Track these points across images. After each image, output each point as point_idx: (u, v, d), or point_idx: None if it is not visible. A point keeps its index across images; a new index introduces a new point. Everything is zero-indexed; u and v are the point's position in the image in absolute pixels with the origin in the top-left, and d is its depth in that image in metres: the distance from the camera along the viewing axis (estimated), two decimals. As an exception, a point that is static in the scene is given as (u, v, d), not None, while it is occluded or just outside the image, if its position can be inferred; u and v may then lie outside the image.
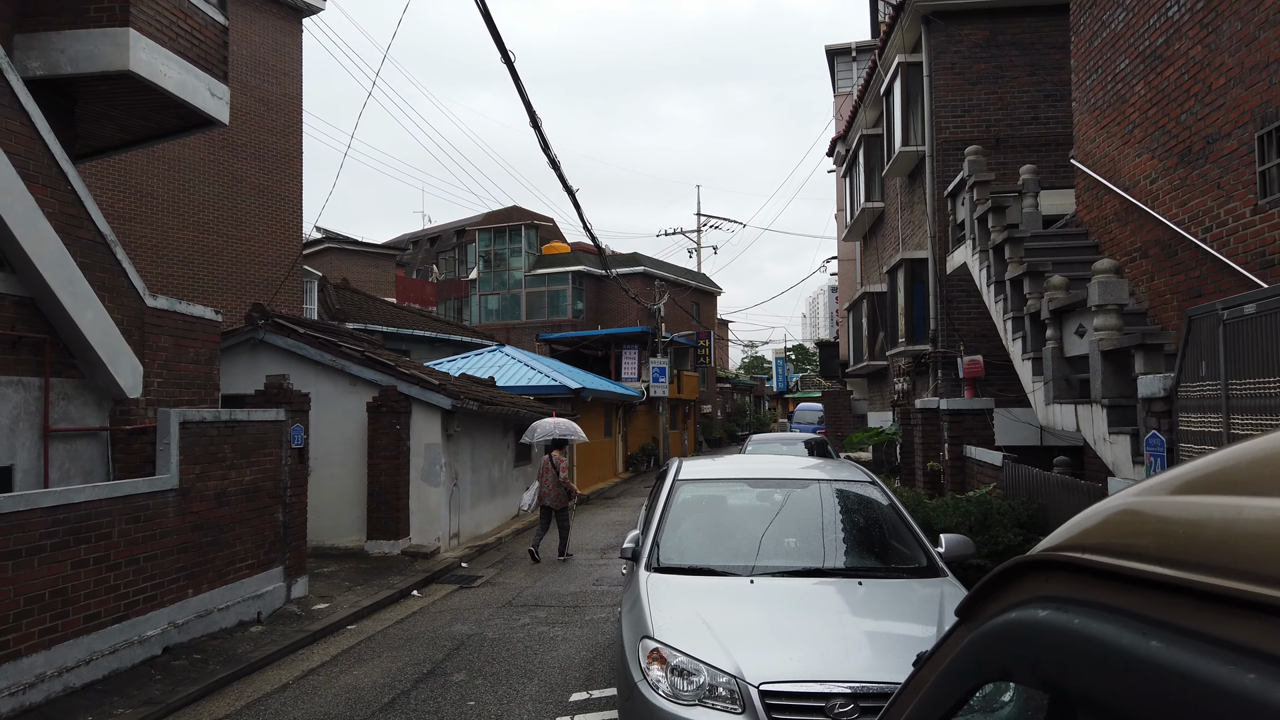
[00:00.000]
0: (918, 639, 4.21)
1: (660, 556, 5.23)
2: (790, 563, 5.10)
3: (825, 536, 5.45)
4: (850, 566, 5.14)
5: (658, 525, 5.48)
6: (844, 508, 5.75)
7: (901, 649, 4.14)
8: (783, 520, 5.51)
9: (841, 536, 5.53)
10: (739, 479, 5.98)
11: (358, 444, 12.61)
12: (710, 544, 5.34)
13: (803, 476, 5.96)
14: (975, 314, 12.93)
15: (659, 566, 5.13)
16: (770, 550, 5.23)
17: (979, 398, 9.86)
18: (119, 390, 7.60)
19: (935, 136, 13.15)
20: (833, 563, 5.16)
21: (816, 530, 5.51)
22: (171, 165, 18.73)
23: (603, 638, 8.27)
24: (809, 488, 5.82)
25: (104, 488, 6.68)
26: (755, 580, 4.86)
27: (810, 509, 5.71)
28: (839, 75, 24.84)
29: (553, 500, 12.78)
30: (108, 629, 6.71)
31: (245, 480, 8.58)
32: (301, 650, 8.09)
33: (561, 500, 12.83)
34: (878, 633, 4.35)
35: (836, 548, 5.39)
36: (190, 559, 7.71)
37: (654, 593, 4.74)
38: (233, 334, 12.70)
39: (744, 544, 5.27)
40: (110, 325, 7.40)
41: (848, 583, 4.85)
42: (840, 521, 5.65)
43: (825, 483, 5.88)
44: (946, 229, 13.00)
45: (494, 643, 8.17)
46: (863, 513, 5.71)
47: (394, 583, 10.77)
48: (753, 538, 5.32)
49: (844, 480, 5.92)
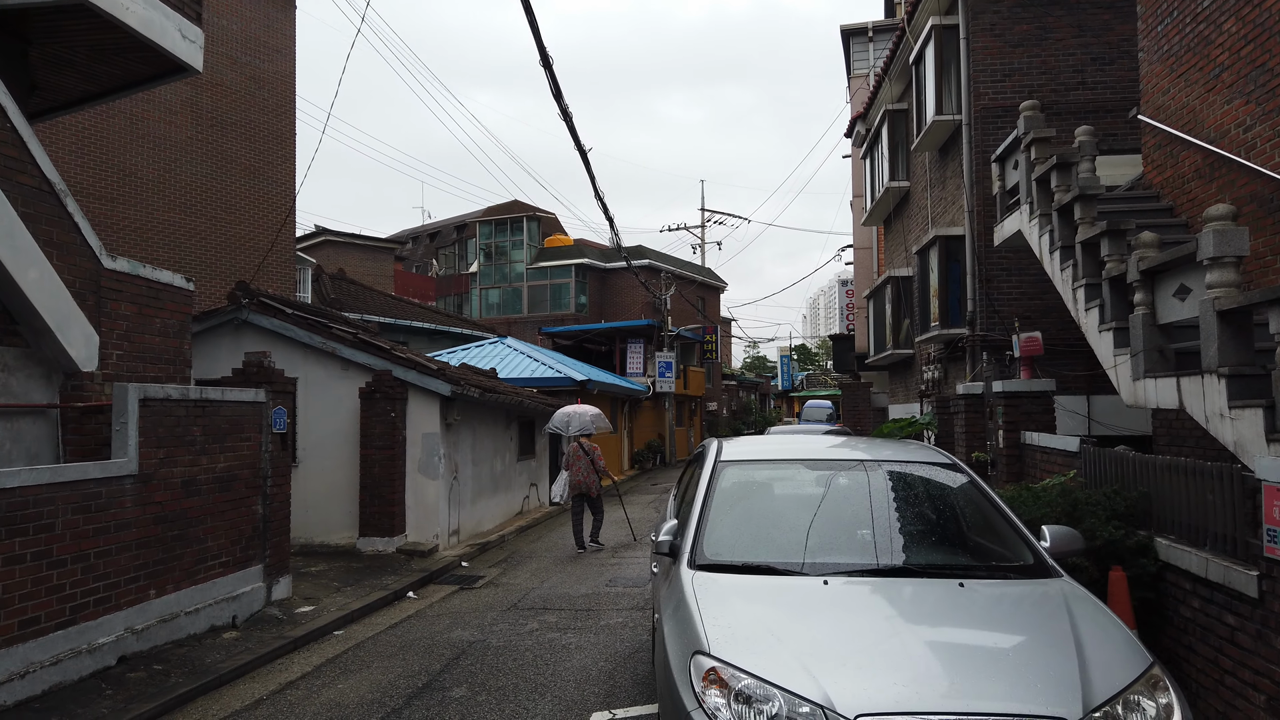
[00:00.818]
0: (1049, 655, 3.26)
1: (706, 551, 4.26)
2: (869, 559, 4.13)
3: (906, 528, 4.48)
4: (944, 564, 4.17)
5: (700, 514, 4.51)
6: (923, 494, 4.79)
7: (1034, 668, 3.18)
8: (851, 508, 4.55)
9: (925, 528, 4.56)
10: (793, 459, 5.01)
11: (349, 433, 11.65)
12: (766, 536, 4.37)
13: (869, 457, 5.00)
14: (1017, 293, 11.98)
15: (705, 564, 4.17)
16: (841, 544, 4.26)
17: (1038, 379, 8.90)
18: (70, 362, 6.64)
19: (973, 103, 12.18)
20: (920, 559, 4.19)
21: (894, 520, 4.54)
22: (157, 144, 17.79)
23: (622, 646, 7.30)
24: (878, 470, 4.85)
25: (44, 471, 5.71)
26: (829, 581, 3.89)
27: (882, 495, 4.74)
28: (855, 56, 23.89)
29: (588, 487, 12.49)
30: (49, 636, 5.74)
31: (218, 468, 7.61)
32: (280, 659, 7.12)
33: (597, 487, 12.57)
34: (998, 648, 3.39)
35: (921, 541, 4.42)
36: (152, 555, 6.74)
37: (704, 596, 3.78)
38: (214, 314, 11.74)
39: (808, 537, 4.31)
40: (59, 286, 6.43)
41: (945, 584, 3.88)
42: (921, 510, 4.68)
43: (897, 464, 4.91)
44: (985, 202, 12.03)
45: (499, 651, 7.20)
46: (946, 500, 4.75)
47: (388, 583, 9.80)
48: (818, 529, 4.35)
49: (919, 461, 4.96)
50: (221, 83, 19.25)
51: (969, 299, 12.19)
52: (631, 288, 37.80)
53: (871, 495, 4.70)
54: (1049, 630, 3.46)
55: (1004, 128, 12.05)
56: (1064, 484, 6.33)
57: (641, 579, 10.27)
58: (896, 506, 4.67)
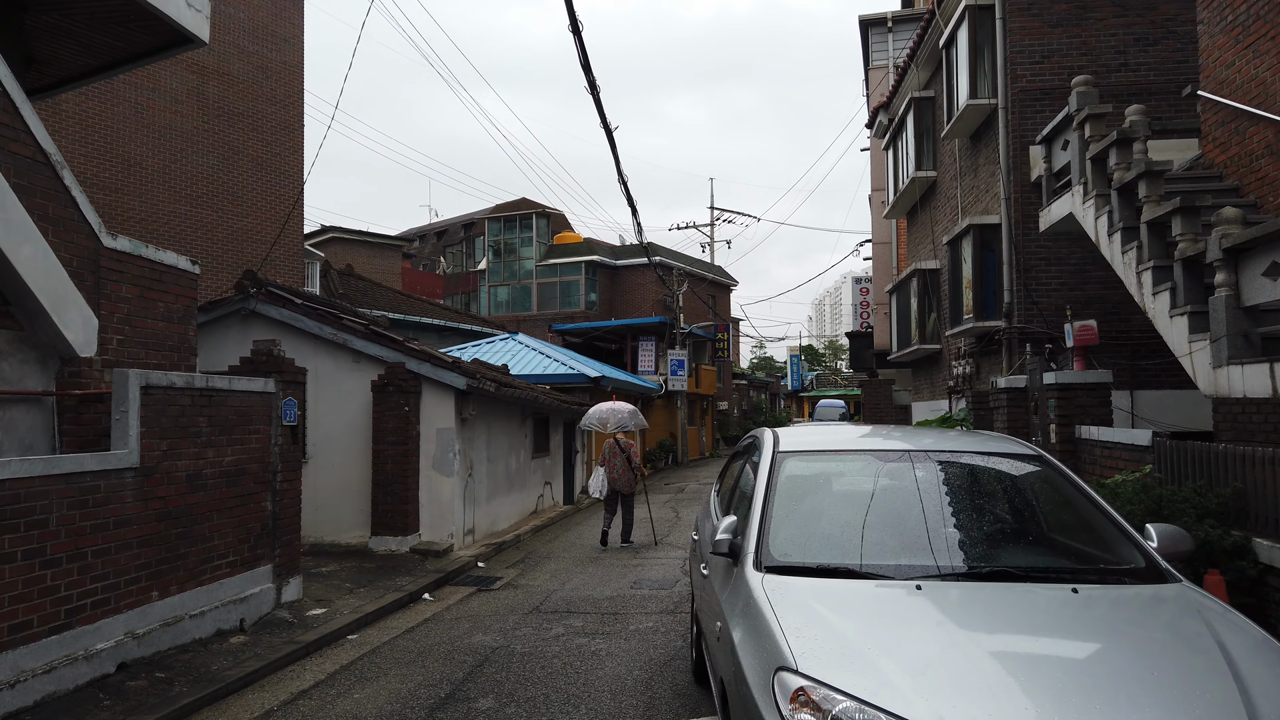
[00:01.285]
0: (1203, 678, 2.76)
1: (773, 552, 3.78)
2: (961, 561, 3.65)
3: (995, 525, 4.00)
4: (1047, 567, 3.69)
5: (762, 510, 4.02)
6: (1009, 487, 4.31)
7: (1189, 694, 2.68)
8: (932, 503, 4.06)
9: (1017, 525, 4.08)
10: (861, 449, 4.52)
11: (361, 428, 11.18)
12: (840, 535, 3.88)
13: (944, 446, 4.51)
14: (1057, 283, 11.49)
15: (774, 566, 3.68)
16: (927, 543, 3.78)
17: (1093, 370, 8.39)
18: (67, 346, 6.18)
19: (1010, 86, 11.69)
20: (1020, 561, 3.71)
21: (981, 516, 4.06)
22: (162, 133, 17.37)
23: (656, 653, 6.82)
24: (956, 461, 4.37)
25: (37, 463, 5.25)
26: (922, 586, 3.41)
27: (963, 489, 4.26)
28: (874, 47, 23.39)
29: (624, 485, 12.37)
30: (42, 642, 5.28)
31: (225, 461, 7.15)
32: (292, 666, 6.65)
33: (632, 485, 12.44)
34: (1140, 668, 2.88)
35: (1015, 541, 3.94)
36: (155, 554, 6.28)
37: (780, 603, 3.30)
38: (220, 304, 11.29)
39: (890, 535, 3.83)
40: (55, 265, 5.98)
41: (1055, 591, 3.40)
42: (1008, 505, 4.20)
43: (975, 455, 4.43)
44: (1023, 189, 11.54)
45: (525, 658, 6.72)
46: (1035, 494, 4.27)
47: (402, 584, 9.34)
48: (899, 526, 3.87)
49: (999, 453, 4.47)
50: (228, 72, 18.84)
51: (1005, 290, 11.71)
52: (642, 285, 37.33)
53: (951, 489, 4.22)
54: (1193, 647, 2.98)
55: (1042, 111, 11.58)
56: (1142, 480, 5.83)
57: (667, 580, 9.79)
58: (981, 501, 4.19)
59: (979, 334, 12.67)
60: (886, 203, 19.27)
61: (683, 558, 11.33)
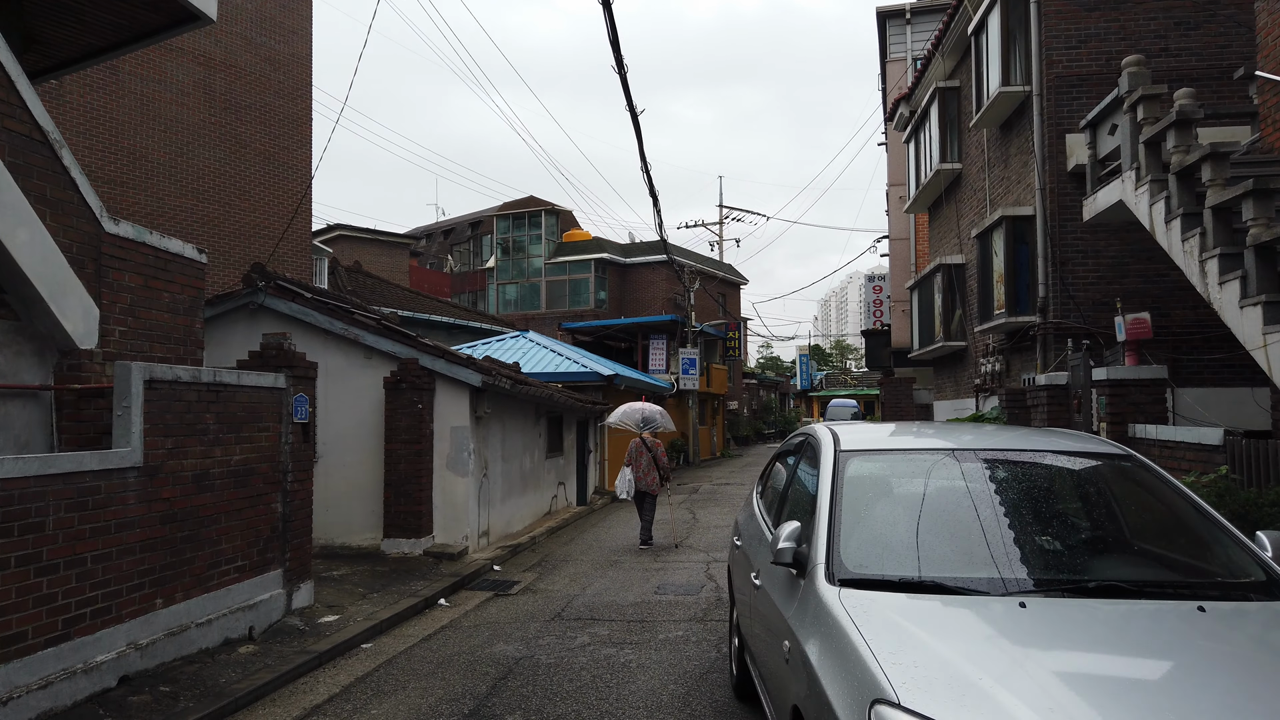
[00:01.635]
0: None
1: (847, 563, 3.38)
2: (1065, 574, 3.25)
3: (1095, 533, 3.60)
4: (1162, 581, 3.28)
5: (830, 516, 3.62)
6: (1104, 491, 3.90)
7: None
8: (1020, 509, 3.66)
9: (1117, 533, 3.67)
10: (931, 448, 4.11)
11: (373, 426, 10.80)
12: (923, 543, 3.48)
13: (1022, 445, 4.11)
14: (1094, 277, 11.06)
15: (849, 579, 3.28)
16: (1021, 554, 3.38)
17: (1146, 365, 7.97)
18: (66, 338, 5.81)
19: (1045, 72, 11.26)
20: (1129, 573, 3.31)
21: (1077, 523, 3.66)
22: (168, 126, 17.02)
23: (690, 665, 6.42)
24: (1040, 461, 3.97)
25: (32, 462, 4.87)
26: (1026, 604, 3.00)
27: (1052, 492, 3.86)
28: (891, 40, 22.95)
29: (648, 485, 12.22)
30: (38, 654, 4.90)
31: (234, 460, 6.77)
32: (304, 678, 6.27)
33: (657, 485, 12.29)
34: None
35: (1118, 550, 3.54)
36: (159, 559, 5.91)
37: (866, 623, 2.89)
38: (227, 297, 10.91)
39: (977, 544, 3.42)
40: (53, 250, 5.61)
41: (1179, 608, 2.99)
42: (1105, 510, 3.79)
43: (1060, 454, 4.02)
44: (1059, 179, 11.12)
45: (551, 670, 6.33)
46: (1132, 498, 3.86)
47: (417, 589, 8.95)
48: (987, 534, 3.46)
49: (1085, 451, 4.06)
50: (235, 64, 18.50)
51: (1040, 284, 11.28)
52: (652, 283, 36.95)
53: (1038, 492, 3.81)
54: None
55: (1079, 98, 11.17)
56: (1218, 482, 5.42)
57: (692, 586, 9.39)
58: (1072, 505, 3.79)
59: (1010, 330, 12.24)
60: (907, 197, 18.85)
61: (705, 561, 10.93)
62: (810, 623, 3.18)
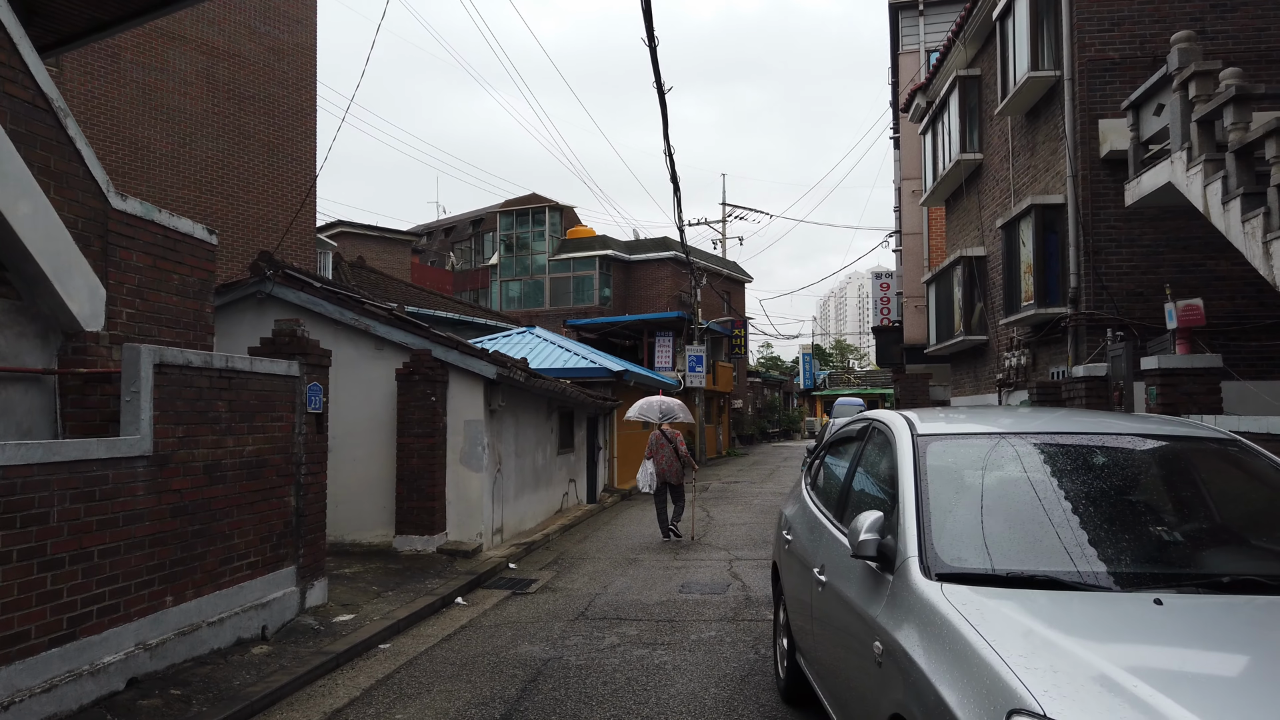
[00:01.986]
0: None
1: (943, 556, 3.04)
2: (1195, 567, 2.92)
3: (1213, 522, 3.27)
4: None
5: (917, 505, 3.29)
6: (1215, 478, 3.57)
7: None
8: (1127, 497, 3.34)
9: (1236, 523, 3.34)
10: (1015, 432, 3.77)
11: (384, 420, 10.46)
12: (1028, 535, 3.14)
13: (1114, 430, 3.78)
14: (1128, 266, 10.74)
15: (948, 573, 2.95)
16: (1142, 546, 3.05)
17: (1199, 354, 7.64)
18: (70, 319, 5.47)
19: (1077, 56, 10.94)
20: (1261, 567, 2.98)
21: (1192, 513, 3.34)
22: (171, 116, 16.68)
23: (729, 666, 6.08)
24: (1141, 447, 3.64)
25: (35, 449, 4.53)
26: (1163, 601, 2.67)
27: (1157, 479, 3.54)
28: (904, 32, 22.63)
29: (674, 476, 12.24)
30: (41, 656, 4.56)
31: (246, 451, 6.43)
32: (322, 680, 5.93)
33: (681, 474, 12.35)
34: None
35: (1240, 541, 3.21)
36: (169, 554, 5.57)
37: (982, 622, 2.56)
38: (234, 286, 10.58)
39: (1088, 535, 3.08)
40: (57, 225, 5.27)
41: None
42: (1218, 499, 3.46)
43: (1164, 440, 3.69)
44: (1091, 165, 10.79)
45: (582, 672, 5.99)
46: (1247, 488, 3.53)
47: (432, 587, 8.62)
48: (1100, 525, 3.14)
49: (1190, 437, 3.72)
50: (239, 53, 18.15)
51: (1071, 274, 10.96)
52: (656, 280, 36.62)
53: (1142, 479, 3.50)
54: None
55: (1112, 82, 10.85)
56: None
57: (717, 584, 9.06)
58: (1183, 493, 3.47)
59: (1038, 322, 11.92)
60: (923, 190, 18.53)
61: (727, 559, 10.60)
62: (909, 622, 2.85)
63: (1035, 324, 12.08)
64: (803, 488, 5.39)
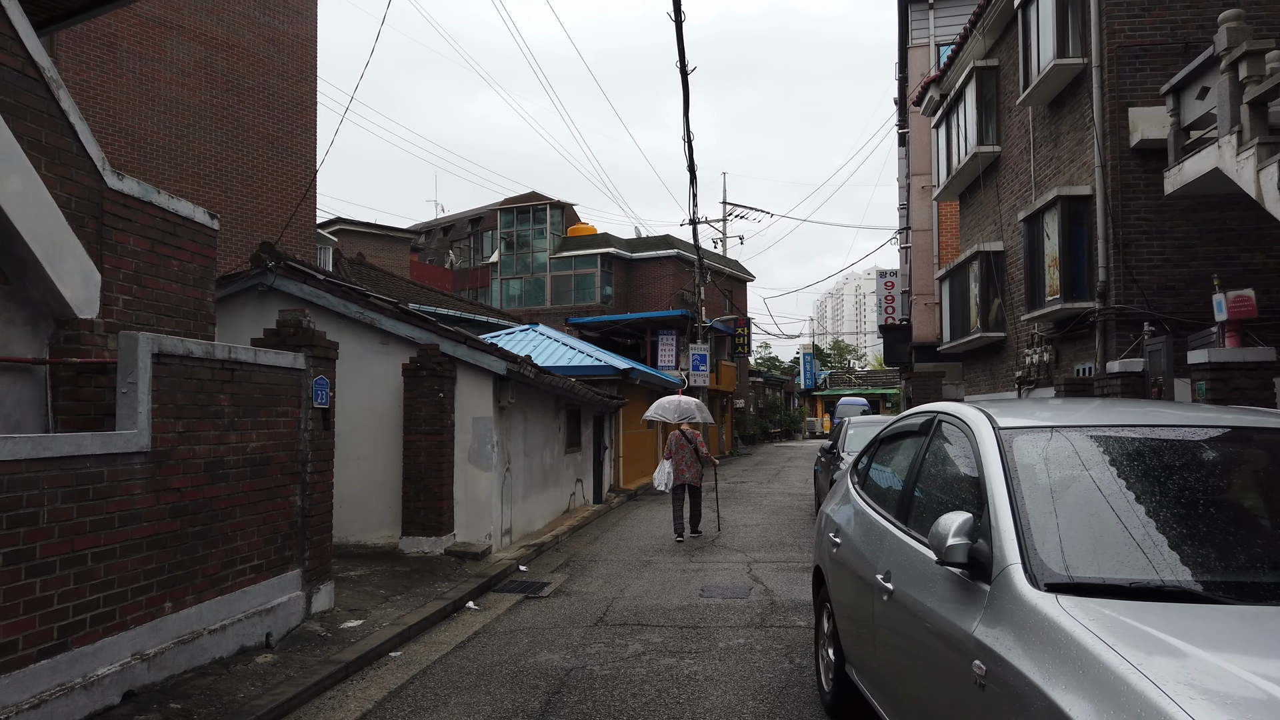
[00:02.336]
0: None
1: (1049, 563, 2.68)
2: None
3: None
4: None
5: (1012, 505, 2.93)
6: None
7: None
8: (1249, 497, 2.99)
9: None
10: (1110, 424, 3.41)
11: (390, 417, 10.09)
12: (1148, 539, 2.78)
13: (1226, 423, 3.43)
14: (1159, 259, 10.40)
15: (1058, 583, 2.59)
16: (1274, 550, 2.70)
17: (1251, 347, 7.31)
18: (63, 305, 5.10)
19: (1106, 42, 10.60)
20: None
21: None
22: (168, 107, 16.29)
23: (764, 677, 5.72)
24: (1253, 442, 3.29)
25: (23, 443, 4.15)
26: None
27: (1276, 478, 3.18)
28: (914, 25, 22.29)
29: (693, 476, 12.07)
30: (29, 668, 4.19)
31: (250, 447, 6.06)
32: (331, 692, 5.56)
33: (701, 475, 12.21)
34: None
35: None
36: (168, 557, 5.20)
37: (1118, 640, 2.21)
38: (234, 278, 10.21)
39: (1222, 540, 2.73)
40: (48, 203, 4.89)
41: None
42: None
43: (1267, 431, 3.34)
44: (1121, 155, 10.45)
45: (608, 683, 5.63)
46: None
47: (442, 591, 8.25)
48: (1234, 529, 2.79)
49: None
50: (238, 44, 17.77)
51: (1100, 267, 10.62)
52: (659, 278, 36.27)
53: (1267, 477, 3.14)
54: None
55: (1143, 69, 10.51)
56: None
57: (739, 588, 8.71)
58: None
59: (1063, 317, 11.58)
60: (932, 186, 18.20)
61: (745, 561, 10.24)
62: (1021, 640, 2.49)
63: (1059, 319, 11.74)
64: (850, 486, 5.02)
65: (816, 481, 14.82)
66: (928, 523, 3.62)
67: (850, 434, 13.21)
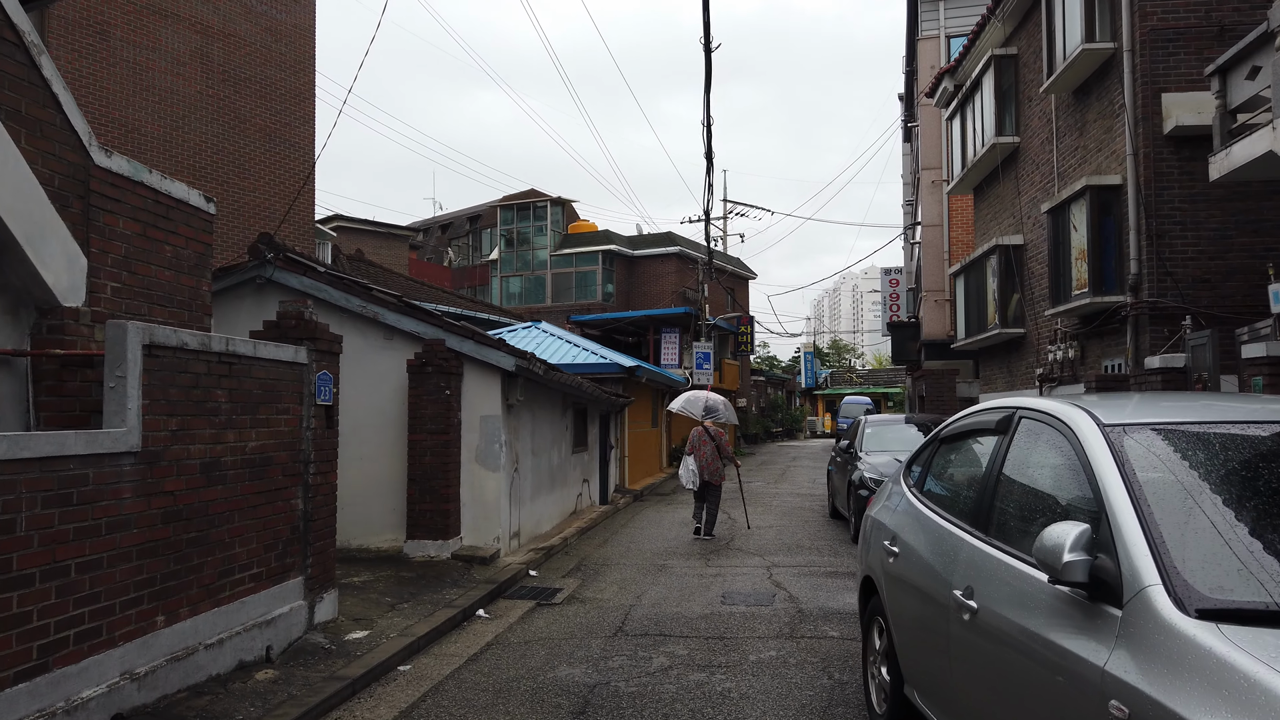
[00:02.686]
0: None
1: (1198, 586, 2.28)
2: None
3: None
4: None
5: (1140, 516, 2.52)
6: None
7: None
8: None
9: None
10: (1234, 420, 3.01)
11: (394, 415, 9.67)
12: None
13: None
14: (1194, 251, 10.01)
15: (1210, 609, 2.19)
16: None
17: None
18: (45, 292, 4.67)
19: (1138, 25, 10.21)
20: None
21: None
22: (163, 98, 15.84)
23: (803, 695, 5.31)
24: None
25: (1, 441, 3.73)
26: None
27: None
28: (924, 16, 21.89)
29: (712, 474, 11.79)
30: (6, 692, 3.77)
31: (248, 447, 5.64)
32: (336, 712, 5.14)
33: (721, 474, 11.93)
34: None
35: None
36: (161, 567, 4.77)
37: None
38: (232, 270, 9.78)
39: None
40: (28, 179, 4.47)
41: None
42: None
43: None
44: (1154, 142, 10.06)
45: (636, 701, 5.22)
46: None
47: (451, 598, 7.84)
48: None
49: None
50: (234, 33, 17.31)
51: (1131, 259, 10.23)
52: (661, 276, 35.88)
53: None
54: None
55: (1176, 53, 10.13)
56: None
57: (762, 594, 8.30)
58: None
59: (1090, 312, 11.19)
60: (949, 178, 17.81)
61: (764, 565, 9.84)
62: (1179, 677, 2.08)
63: (1086, 314, 11.35)
64: (905, 490, 4.61)
65: (831, 482, 14.42)
66: (1015, 533, 3.22)
67: (869, 433, 12.81)
